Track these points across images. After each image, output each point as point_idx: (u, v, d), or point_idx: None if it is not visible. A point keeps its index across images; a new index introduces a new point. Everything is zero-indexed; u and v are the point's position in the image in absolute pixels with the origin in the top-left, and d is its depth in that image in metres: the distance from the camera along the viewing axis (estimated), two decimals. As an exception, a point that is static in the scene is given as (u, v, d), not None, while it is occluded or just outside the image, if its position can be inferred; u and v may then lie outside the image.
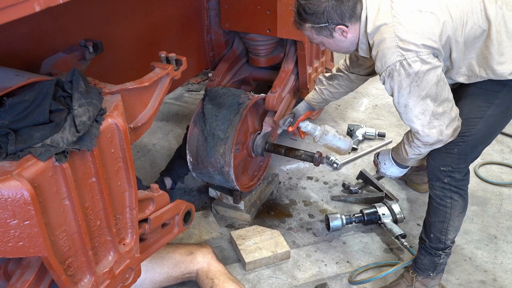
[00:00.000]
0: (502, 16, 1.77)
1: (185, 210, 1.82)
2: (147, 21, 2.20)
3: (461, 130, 1.88)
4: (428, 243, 2.04)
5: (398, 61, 1.72)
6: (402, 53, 1.72)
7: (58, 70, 1.50)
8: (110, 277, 1.43)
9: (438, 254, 2.04)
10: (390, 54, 1.74)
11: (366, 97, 4.00)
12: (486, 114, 1.86)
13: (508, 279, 2.24)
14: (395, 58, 1.73)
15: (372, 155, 3.20)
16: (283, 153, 2.55)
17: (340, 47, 1.93)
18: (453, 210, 1.96)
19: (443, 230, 2.00)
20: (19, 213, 1.08)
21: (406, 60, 1.72)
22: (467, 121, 1.88)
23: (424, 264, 2.07)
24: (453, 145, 1.88)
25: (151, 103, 1.56)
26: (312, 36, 1.91)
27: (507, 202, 2.74)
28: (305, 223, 2.62)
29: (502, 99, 1.85)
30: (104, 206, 1.34)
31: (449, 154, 1.90)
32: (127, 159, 1.38)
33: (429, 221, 2.04)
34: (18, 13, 0.97)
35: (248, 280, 2.26)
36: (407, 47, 1.71)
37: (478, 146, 1.92)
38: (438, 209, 1.99)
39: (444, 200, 1.96)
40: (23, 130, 1.14)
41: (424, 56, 1.72)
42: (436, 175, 1.95)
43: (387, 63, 1.75)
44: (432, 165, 1.95)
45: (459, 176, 1.93)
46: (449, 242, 2.02)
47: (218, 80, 2.68)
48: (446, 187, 1.95)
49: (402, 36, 1.72)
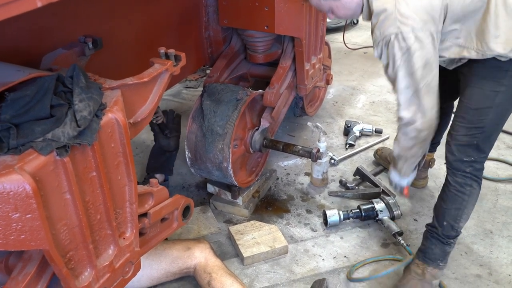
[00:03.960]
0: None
1: (184, 205, 1.83)
2: (146, 18, 2.21)
3: (475, 121, 1.92)
4: (440, 230, 2.06)
5: (394, 33, 1.79)
6: (399, 25, 1.78)
7: (58, 66, 1.51)
8: (110, 270, 1.45)
9: (449, 243, 2.08)
10: (387, 25, 1.81)
11: (363, 93, 4.02)
12: (495, 102, 1.89)
13: (503, 273, 2.27)
14: (392, 30, 1.80)
15: (369, 151, 3.22)
16: (281, 148, 2.57)
17: (348, 9, 1.98)
18: (471, 198, 2.01)
19: (457, 217, 2.03)
20: (21, 206, 1.09)
21: (402, 34, 1.78)
22: (479, 111, 1.91)
23: (435, 253, 2.09)
24: (472, 137, 1.93)
25: (150, 98, 1.57)
26: (320, 2, 2.00)
27: (503, 197, 2.76)
28: (302, 219, 2.64)
29: (507, 86, 1.87)
30: (104, 200, 1.36)
31: (470, 146, 1.95)
32: (127, 154, 1.40)
33: (443, 208, 2.06)
34: (20, 9, 0.98)
35: (246, 274, 2.28)
36: (405, 21, 1.77)
37: (493, 133, 1.98)
38: (456, 195, 2.02)
39: (464, 187, 2.00)
40: (25, 125, 1.15)
41: (419, 33, 1.77)
42: (458, 166, 2.00)
43: (384, 33, 1.82)
44: (456, 156, 1.99)
45: (480, 166, 1.99)
46: (460, 230, 2.07)
47: (216, 76, 2.69)
48: (468, 176, 1.99)
49: (401, 10, 1.78)
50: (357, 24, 5.56)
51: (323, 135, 2.77)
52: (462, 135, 1.96)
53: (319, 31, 2.80)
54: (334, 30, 5.24)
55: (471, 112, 1.93)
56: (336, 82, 4.15)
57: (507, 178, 2.90)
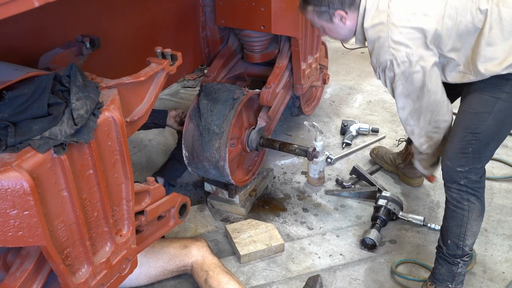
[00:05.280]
0: (498, 13, 1.81)
1: (181, 203, 1.84)
2: (143, 18, 2.23)
3: (472, 126, 1.89)
4: (445, 250, 2.01)
5: (389, 60, 1.88)
6: (393, 52, 1.87)
7: (55, 65, 1.53)
8: (107, 267, 1.46)
9: (456, 263, 2.01)
10: (383, 52, 1.90)
11: (360, 93, 4.04)
12: (495, 109, 1.87)
13: (497, 271, 2.29)
14: (387, 56, 1.89)
15: (365, 150, 3.24)
16: (277, 147, 2.58)
17: (339, 33, 2.06)
18: (471, 213, 1.94)
19: (460, 235, 1.97)
20: (18, 203, 1.11)
21: (396, 60, 1.87)
22: (477, 116, 1.90)
23: (442, 274, 2.04)
24: (467, 144, 1.90)
25: (147, 97, 1.59)
26: (314, 19, 2.05)
27: (498, 196, 2.78)
28: (299, 217, 2.66)
29: (508, 93, 1.86)
30: (101, 197, 1.37)
31: (465, 154, 1.91)
32: (124, 152, 1.41)
33: (446, 227, 2.02)
34: (18, 9, 0.99)
35: (243, 272, 2.30)
36: (398, 48, 1.86)
37: (490, 143, 1.92)
38: (455, 212, 1.97)
39: (461, 202, 1.95)
40: (22, 123, 1.17)
41: (413, 57, 1.85)
42: (452, 177, 1.95)
43: (380, 60, 1.92)
44: (449, 166, 1.95)
45: (475, 177, 1.93)
46: (467, 249, 1.99)
47: (214, 76, 2.70)
48: (463, 189, 1.93)
49: (394, 37, 1.86)
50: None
51: (320, 134, 2.79)
52: (457, 141, 1.93)
53: (315, 30, 2.82)
54: (332, 30, 5.25)
55: (469, 116, 1.92)
56: (333, 81, 4.17)
57: (502, 177, 2.93)
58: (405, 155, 2.85)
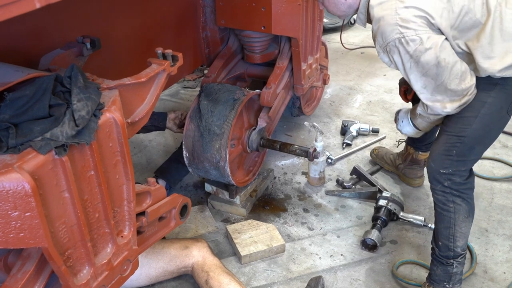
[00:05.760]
0: (500, 12, 1.80)
1: (182, 203, 1.84)
2: (143, 18, 2.22)
3: (457, 130, 1.88)
4: (438, 251, 2.02)
5: (397, 39, 1.78)
6: (401, 30, 1.77)
7: (56, 66, 1.52)
8: (108, 268, 1.46)
9: (449, 263, 2.01)
10: (390, 31, 1.80)
11: (360, 93, 4.04)
12: (481, 112, 1.86)
13: (498, 271, 2.28)
14: (394, 35, 1.79)
15: (365, 150, 3.24)
16: (278, 148, 2.58)
17: (338, 8, 1.98)
18: (457, 215, 1.94)
19: (450, 236, 1.97)
20: (20, 205, 1.10)
21: (405, 38, 1.77)
22: (462, 120, 1.89)
23: (438, 275, 2.04)
24: (451, 147, 1.89)
25: (148, 98, 1.58)
26: None
27: (498, 196, 2.79)
28: (299, 217, 2.65)
29: (495, 97, 1.86)
30: (102, 198, 1.37)
31: (448, 157, 1.90)
32: (125, 153, 1.41)
33: (436, 229, 2.03)
34: (19, 10, 0.99)
35: (244, 273, 2.30)
36: (407, 25, 1.76)
37: (476, 147, 1.91)
38: (442, 214, 1.97)
39: (446, 204, 1.94)
40: (24, 124, 1.16)
41: (423, 34, 1.75)
42: (436, 178, 1.94)
43: (387, 39, 1.81)
44: (432, 167, 1.94)
45: (459, 180, 1.91)
46: (459, 250, 1.99)
47: (214, 76, 2.70)
48: (447, 191, 1.93)
49: (402, 15, 1.77)
50: (354, 24, 5.57)
51: (320, 135, 2.79)
52: (442, 143, 1.92)
53: (315, 31, 2.82)
54: (331, 30, 5.26)
55: (454, 119, 1.91)
56: (333, 82, 4.17)
57: (503, 177, 2.93)
58: (405, 156, 2.85)
